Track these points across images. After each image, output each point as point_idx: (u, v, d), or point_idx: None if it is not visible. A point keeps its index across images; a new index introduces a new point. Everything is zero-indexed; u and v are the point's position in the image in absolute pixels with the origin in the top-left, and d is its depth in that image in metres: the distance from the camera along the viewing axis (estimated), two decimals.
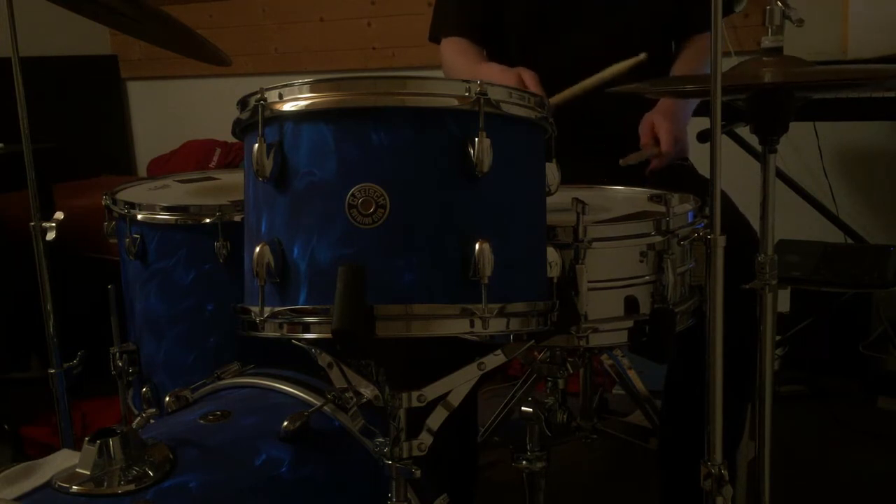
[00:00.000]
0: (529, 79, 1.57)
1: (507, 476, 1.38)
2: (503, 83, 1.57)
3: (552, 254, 1.09)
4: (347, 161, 0.96)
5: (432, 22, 1.93)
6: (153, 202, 1.48)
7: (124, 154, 4.25)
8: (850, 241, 2.66)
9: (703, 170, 1.28)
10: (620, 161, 1.53)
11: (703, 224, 1.29)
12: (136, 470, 1.01)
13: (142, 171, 4.13)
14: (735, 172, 1.52)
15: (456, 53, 1.86)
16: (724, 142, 2.31)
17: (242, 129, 1.06)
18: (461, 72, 1.84)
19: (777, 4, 1.16)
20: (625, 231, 1.23)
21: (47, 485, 1.01)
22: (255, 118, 0.99)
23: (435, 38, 1.92)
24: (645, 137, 1.62)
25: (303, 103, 0.98)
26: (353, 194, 0.95)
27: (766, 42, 1.19)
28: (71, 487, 0.99)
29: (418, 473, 1.05)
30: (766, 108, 1.17)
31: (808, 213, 2.61)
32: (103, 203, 1.53)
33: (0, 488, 1.01)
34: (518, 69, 1.61)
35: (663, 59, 1.83)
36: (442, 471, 1.16)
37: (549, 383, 1.45)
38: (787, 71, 1.18)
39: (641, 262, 1.23)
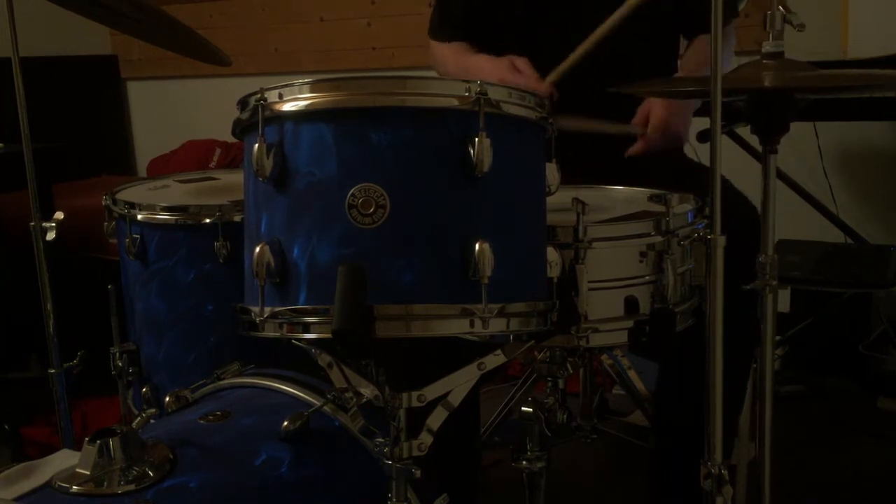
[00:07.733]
0: (522, 64, 1.56)
1: (508, 476, 1.38)
2: (495, 72, 1.58)
3: (552, 254, 1.09)
4: (347, 161, 0.96)
5: (431, 18, 1.90)
6: (153, 202, 1.47)
7: (124, 154, 4.25)
8: (850, 241, 2.65)
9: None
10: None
11: (703, 224, 1.29)
12: (136, 470, 1.01)
13: (142, 171, 4.13)
14: (735, 172, 1.52)
15: (447, 50, 1.85)
16: (724, 142, 2.31)
17: (242, 129, 1.06)
18: (450, 65, 1.82)
19: (778, 10, 1.16)
20: (625, 231, 1.23)
21: (47, 485, 1.01)
22: (255, 118, 0.99)
23: (433, 35, 1.90)
24: (638, 117, 1.62)
25: (303, 103, 0.98)
26: (353, 194, 0.95)
27: (767, 47, 1.18)
28: (71, 487, 0.99)
29: (418, 473, 1.05)
30: (766, 109, 1.17)
31: (808, 213, 2.60)
32: (103, 203, 1.53)
33: (0, 488, 1.01)
34: (509, 57, 1.59)
35: (665, 57, 1.82)
36: (443, 471, 1.15)
37: (549, 383, 1.45)
38: (787, 75, 1.17)
39: (641, 262, 1.23)
